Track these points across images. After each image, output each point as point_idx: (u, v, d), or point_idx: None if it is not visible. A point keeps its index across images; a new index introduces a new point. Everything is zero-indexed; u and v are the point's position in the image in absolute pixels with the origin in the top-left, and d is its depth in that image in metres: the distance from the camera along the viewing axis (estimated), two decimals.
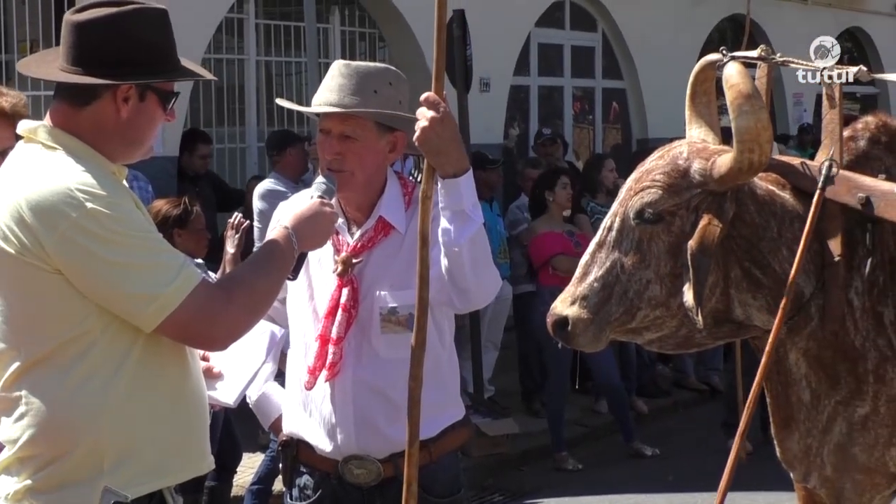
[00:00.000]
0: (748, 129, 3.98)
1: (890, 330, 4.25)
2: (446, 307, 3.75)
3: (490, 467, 9.09)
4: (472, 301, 3.71)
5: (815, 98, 18.19)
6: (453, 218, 3.51)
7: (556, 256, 9.37)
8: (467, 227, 3.51)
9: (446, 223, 3.52)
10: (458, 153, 3.50)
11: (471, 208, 3.51)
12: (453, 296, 3.63)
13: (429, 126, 3.44)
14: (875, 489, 4.48)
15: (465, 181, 3.50)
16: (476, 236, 3.54)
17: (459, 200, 3.50)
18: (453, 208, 3.51)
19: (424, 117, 3.45)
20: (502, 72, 13.77)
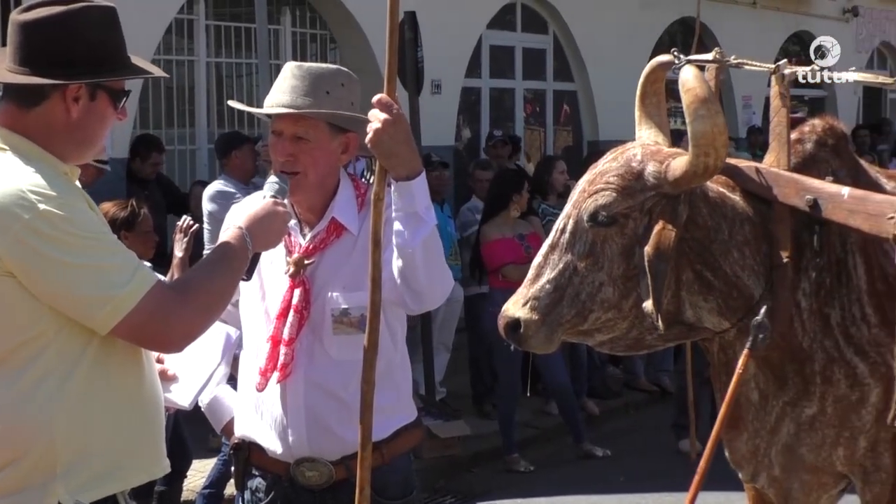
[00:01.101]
0: (704, 133, 4.00)
1: (837, 331, 4.29)
2: (399, 308, 3.76)
3: (441, 469, 9.09)
4: (425, 302, 3.71)
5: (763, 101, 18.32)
6: (406, 220, 3.51)
7: (507, 266, 9.38)
8: (420, 229, 3.51)
9: (399, 225, 3.52)
10: (410, 155, 3.50)
11: (424, 210, 3.51)
12: (406, 297, 3.63)
13: (381, 128, 3.43)
14: (822, 489, 4.52)
15: (417, 183, 3.50)
16: (429, 238, 3.54)
17: (412, 202, 3.50)
18: (406, 210, 3.51)
19: (377, 119, 3.44)
20: (454, 74, 13.77)
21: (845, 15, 21.26)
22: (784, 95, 4.36)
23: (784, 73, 4.34)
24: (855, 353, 4.29)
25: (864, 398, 4.31)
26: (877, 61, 23.06)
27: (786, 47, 20.11)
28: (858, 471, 4.44)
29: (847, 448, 4.39)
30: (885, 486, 4.43)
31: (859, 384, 4.30)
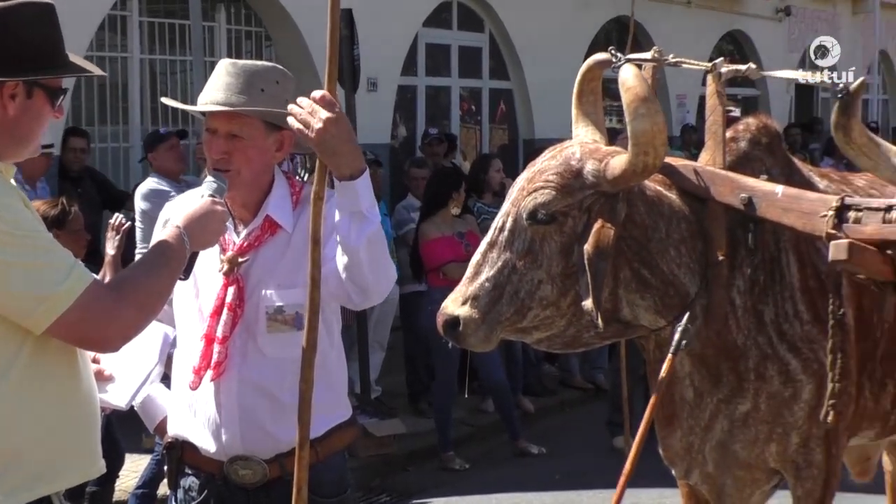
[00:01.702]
0: (644, 131, 4.02)
1: (770, 328, 4.33)
2: (337, 304, 3.75)
3: (376, 468, 9.07)
4: (370, 298, 3.70)
5: (697, 99, 18.45)
6: (351, 219, 3.50)
7: (448, 264, 9.37)
8: (365, 227, 3.50)
9: (344, 224, 3.51)
10: (353, 153, 3.48)
11: (368, 208, 3.50)
12: (352, 293, 3.62)
13: (324, 127, 3.41)
14: (755, 485, 4.56)
15: (361, 182, 3.48)
16: (374, 235, 3.53)
17: (357, 201, 3.48)
18: (350, 209, 3.49)
19: (319, 117, 3.43)
20: (390, 72, 13.75)
21: (778, 14, 21.45)
22: (720, 94, 4.39)
23: (721, 71, 4.38)
24: (788, 350, 4.34)
25: (796, 394, 4.36)
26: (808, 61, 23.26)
27: (720, 46, 20.26)
28: (790, 467, 4.48)
29: (780, 444, 4.43)
30: (817, 481, 4.48)
31: (792, 381, 4.34)
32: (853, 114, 3.60)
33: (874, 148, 3.58)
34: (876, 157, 3.58)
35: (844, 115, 3.61)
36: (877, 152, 3.58)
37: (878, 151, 3.58)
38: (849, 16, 24.14)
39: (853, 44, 24.10)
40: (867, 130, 3.64)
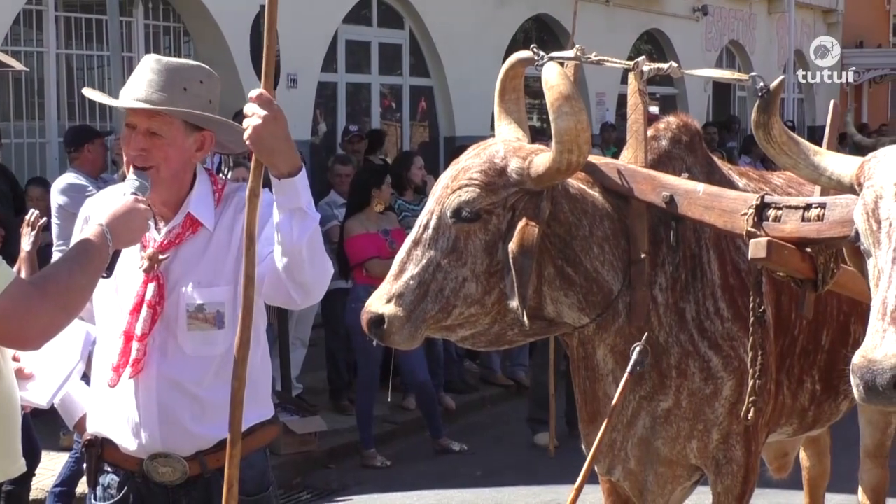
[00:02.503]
0: (568, 129, 4.04)
1: (692, 325, 4.37)
2: (283, 305, 3.74)
3: (298, 465, 9.04)
4: (311, 296, 3.68)
5: (616, 98, 18.58)
6: (291, 216, 3.48)
7: (370, 260, 9.36)
8: (306, 224, 3.49)
9: (285, 222, 3.49)
10: (291, 151, 3.47)
11: (307, 205, 3.49)
12: (293, 292, 3.60)
13: (262, 125, 3.39)
14: (676, 481, 4.60)
15: (300, 179, 3.47)
16: (315, 233, 3.52)
17: (297, 198, 3.47)
18: (290, 207, 3.47)
19: (258, 115, 3.39)
20: (310, 68, 13.70)
21: (695, 13, 21.66)
22: (642, 92, 4.42)
23: (643, 69, 4.40)
24: (709, 347, 4.37)
25: (717, 391, 4.39)
26: (725, 59, 23.54)
27: (638, 45, 20.41)
28: (711, 463, 4.52)
29: (700, 441, 4.46)
30: (737, 477, 4.52)
31: (713, 378, 4.38)
32: (773, 112, 3.64)
33: (794, 146, 3.62)
34: (795, 155, 3.62)
35: (765, 114, 3.64)
36: (796, 150, 3.61)
37: (797, 150, 3.61)
38: (764, 15, 24.44)
39: (768, 43, 24.44)
40: (787, 129, 3.67)
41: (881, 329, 3.09)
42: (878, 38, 29.08)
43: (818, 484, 6.07)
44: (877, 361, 3.03)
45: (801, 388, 4.69)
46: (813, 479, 6.05)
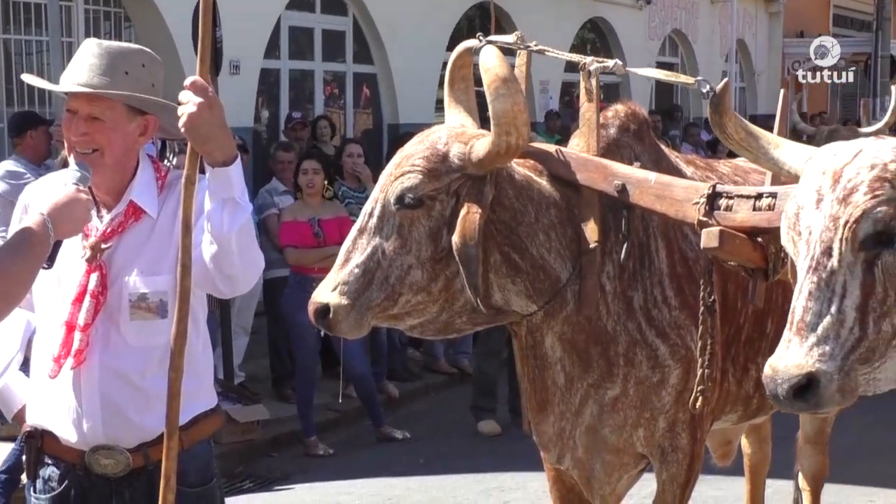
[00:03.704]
0: (505, 111, 4.04)
1: (639, 314, 4.38)
2: (204, 292, 3.70)
3: (240, 454, 9.00)
4: (239, 287, 3.66)
5: (560, 85, 18.61)
6: (223, 206, 3.45)
7: (287, 248, 9.36)
8: (238, 214, 3.46)
9: (216, 211, 3.45)
10: (227, 140, 3.44)
11: (240, 195, 3.46)
12: (219, 282, 3.58)
13: (197, 112, 3.35)
14: (623, 469, 4.61)
15: (234, 168, 3.44)
16: (246, 224, 3.50)
17: (230, 188, 3.44)
18: (223, 196, 3.44)
19: (193, 103, 3.35)
20: (252, 55, 13.63)
21: (639, 2, 21.75)
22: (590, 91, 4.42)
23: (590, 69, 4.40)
24: (656, 336, 4.38)
25: (664, 380, 4.41)
26: (668, 48, 23.66)
27: (581, 34, 20.46)
28: (656, 451, 4.54)
29: (647, 429, 4.48)
30: (682, 465, 4.55)
31: (660, 366, 4.40)
32: (724, 112, 3.65)
33: (753, 142, 3.63)
34: (756, 150, 3.63)
35: (717, 115, 3.67)
36: (756, 146, 3.62)
37: (757, 145, 3.62)
38: (707, 5, 24.59)
39: (711, 33, 24.59)
40: (745, 124, 3.68)
41: (787, 339, 3.16)
42: (818, 28, 29.32)
43: (759, 471, 6.12)
44: (778, 371, 3.11)
45: (746, 376, 4.71)
46: (754, 465, 6.10)
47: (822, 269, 3.14)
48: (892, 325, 3.15)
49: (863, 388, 3.22)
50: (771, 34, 27.29)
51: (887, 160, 3.17)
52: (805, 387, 3.09)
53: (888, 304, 3.14)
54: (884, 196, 3.12)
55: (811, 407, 3.15)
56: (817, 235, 3.16)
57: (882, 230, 3.11)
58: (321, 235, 9.39)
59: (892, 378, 3.29)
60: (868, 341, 3.13)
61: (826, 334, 3.11)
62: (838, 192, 3.16)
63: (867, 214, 3.11)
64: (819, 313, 3.13)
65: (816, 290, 3.14)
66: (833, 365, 3.09)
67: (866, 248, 3.12)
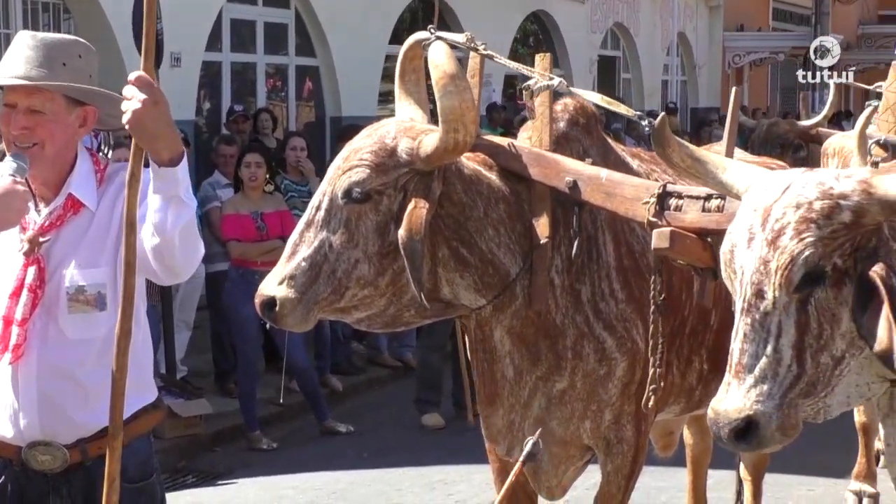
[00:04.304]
0: (453, 108, 4.04)
1: (587, 307, 4.40)
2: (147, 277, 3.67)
3: (182, 449, 8.95)
4: (179, 277, 3.67)
5: (503, 79, 18.63)
6: (168, 204, 3.42)
7: (230, 242, 9.32)
8: (183, 212, 3.44)
9: (161, 208, 3.43)
10: (173, 137, 3.41)
11: (185, 192, 3.44)
12: (160, 273, 3.57)
13: (143, 109, 3.31)
14: (569, 461, 4.63)
15: (181, 167, 3.41)
16: (190, 221, 3.48)
17: (176, 186, 3.41)
18: (168, 194, 3.42)
19: (138, 99, 3.32)
20: (194, 47, 13.53)
21: None
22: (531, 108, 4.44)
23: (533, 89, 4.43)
24: (604, 329, 4.40)
25: (611, 372, 4.43)
26: (610, 41, 23.75)
27: (524, 26, 20.50)
28: (602, 443, 4.56)
29: (593, 421, 4.50)
30: (626, 457, 4.57)
31: (607, 358, 4.41)
32: (667, 144, 3.66)
33: (700, 167, 3.64)
34: (703, 175, 3.64)
35: (660, 147, 3.68)
36: (703, 170, 3.63)
37: (704, 170, 3.63)
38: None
39: (652, 26, 24.71)
40: (689, 150, 3.68)
41: (727, 381, 3.22)
42: (758, 22, 29.57)
43: (701, 461, 6.15)
44: (719, 414, 3.18)
45: (689, 368, 4.74)
46: (696, 456, 6.13)
47: (756, 310, 3.19)
48: (832, 356, 3.21)
49: (814, 417, 3.29)
50: (711, 28, 27.47)
51: (812, 197, 3.19)
52: (745, 429, 3.15)
53: (824, 338, 3.20)
54: (810, 238, 3.15)
55: (753, 447, 3.24)
56: (749, 277, 3.21)
57: (812, 271, 3.15)
58: (264, 229, 9.36)
59: (844, 401, 3.35)
60: (807, 376, 3.19)
61: (763, 374, 3.17)
62: (767, 232, 3.20)
63: (796, 260, 3.14)
64: (755, 354, 3.18)
65: (751, 331, 3.19)
66: (772, 405, 3.16)
67: (799, 290, 3.16)
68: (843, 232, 3.16)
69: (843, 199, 3.17)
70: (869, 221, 3.18)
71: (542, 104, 4.44)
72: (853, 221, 3.16)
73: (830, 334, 3.19)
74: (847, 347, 3.21)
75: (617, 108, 4.60)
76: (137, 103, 3.31)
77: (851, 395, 3.36)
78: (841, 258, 3.17)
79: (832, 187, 3.20)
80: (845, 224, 3.16)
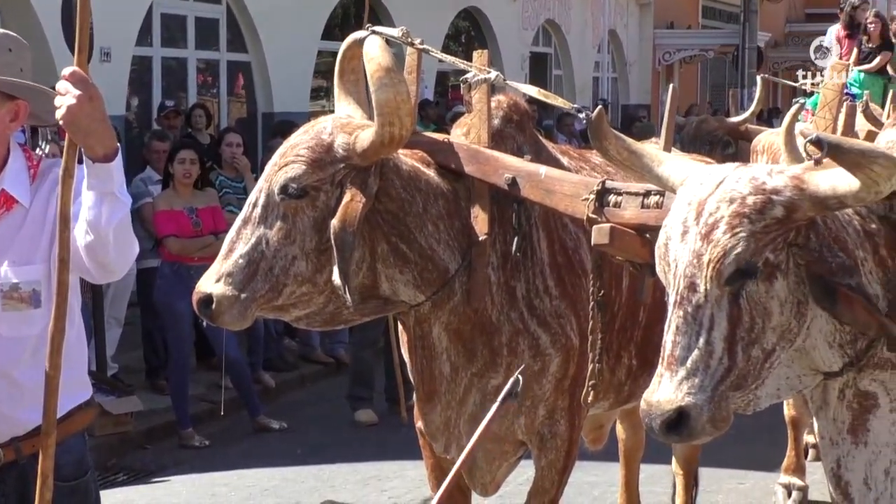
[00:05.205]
0: (388, 101, 4.04)
1: (522, 303, 4.42)
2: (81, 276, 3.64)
3: (113, 447, 8.88)
4: (113, 275, 3.63)
5: (435, 75, 18.63)
6: (102, 200, 3.39)
7: (167, 238, 9.26)
8: (117, 209, 3.41)
9: (95, 205, 3.39)
10: (108, 133, 3.37)
11: (119, 189, 3.41)
12: (92, 270, 3.53)
13: (78, 105, 3.27)
14: (503, 457, 4.66)
15: (116, 163, 3.38)
16: (125, 217, 3.45)
17: (110, 183, 3.38)
18: (102, 190, 3.38)
19: (72, 95, 3.28)
20: (124, 42, 13.42)
21: None
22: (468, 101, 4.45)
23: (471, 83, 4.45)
24: (538, 325, 4.43)
25: (545, 368, 4.46)
26: (542, 38, 23.81)
27: (456, 23, 20.50)
28: (536, 438, 4.59)
29: (528, 417, 4.53)
30: (560, 451, 4.61)
31: (542, 354, 4.44)
32: (604, 136, 3.68)
33: (636, 160, 3.66)
34: (640, 168, 3.67)
35: (597, 140, 3.71)
36: (640, 164, 3.66)
37: (641, 163, 3.66)
38: None
39: (583, 24, 24.81)
40: (626, 143, 3.70)
41: (659, 373, 3.24)
42: (687, 20, 29.78)
43: (633, 455, 6.21)
44: (652, 406, 3.20)
45: (618, 364, 4.78)
46: (629, 450, 6.18)
47: (688, 303, 3.22)
48: (763, 349, 3.25)
49: (744, 408, 3.32)
50: (642, 25, 27.62)
51: (745, 192, 3.23)
52: (676, 421, 3.18)
53: (756, 331, 3.23)
54: (743, 233, 3.19)
55: (684, 439, 3.26)
56: (682, 270, 3.24)
57: (744, 265, 3.19)
58: (199, 225, 9.32)
59: (774, 393, 3.40)
60: (738, 369, 3.23)
61: (695, 367, 3.20)
62: (701, 226, 3.23)
63: (728, 254, 3.18)
64: (687, 347, 3.20)
65: (684, 324, 3.22)
66: (703, 397, 3.19)
67: (730, 283, 3.20)
68: (775, 227, 3.21)
69: (775, 195, 3.22)
70: (801, 216, 3.23)
71: (480, 100, 4.46)
72: (785, 216, 3.21)
73: (762, 327, 3.23)
74: (778, 340, 3.26)
75: (555, 101, 4.63)
76: (72, 99, 3.27)
77: (782, 388, 3.41)
78: (773, 253, 3.21)
79: (765, 182, 3.24)
80: (777, 219, 3.21)
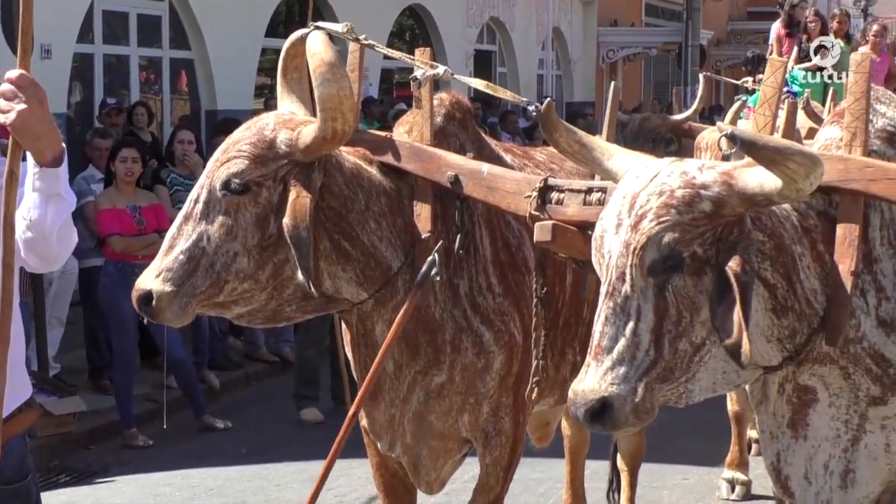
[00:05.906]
0: (331, 96, 4.04)
1: (465, 301, 4.42)
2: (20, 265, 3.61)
3: (56, 447, 8.80)
4: (52, 266, 3.63)
5: (380, 72, 18.62)
6: (47, 202, 3.36)
7: (111, 237, 9.19)
8: (62, 209, 3.39)
9: (40, 206, 3.37)
10: (55, 136, 3.33)
11: (65, 190, 3.39)
12: (29, 261, 3.51)
13: (28, 109, 3.21)
14: (448, 454, 4.66)
15: (63, 165, 3.35)
16: (68, 216, 3.43)
17: (57, 185, 3.36)
18: (49, 192, 3.36)
19: (21, 99, 3.22)
20: (65, 39, 13.32)
21: None
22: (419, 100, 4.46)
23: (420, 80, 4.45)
24: (481, 322, 4.43)
25: (488, 365, 4.46)
26: (486, 35, 23.83)
27: (400, 21, 20.49)
28: (480, 435, 4.59)
29: (472, 414, 4.53)
30: (505, 449, 4.61)
31: (485, 352, 4.44)
32: (554, 128, 3.69)
33: (587, 153, 3.68)
34: (590, 161, 3.69)
35: (547, 132, 3.72)
36: (590, 157, 3.68)
37: (591, 156, 3.68)
38: None
39: (527, 21, 24.87)
40: (577, 136, 3.72)
41: (587, 363, 3.27)
42: (631, 17, 29.93)
43: (579, 451, 6.22)
44: (577, 394, 3.23)
45: (563, 360, 4.79)
46: (574, 446, 6.20)
47: (618, 294, 3.24)
48: (691, 343, 3.27)
49: (675, 401, 3.35)
50: (586, 23, 27.73)
51: (675, 186, 3.27)
52: (600, 410, 3.20)
53: (683, 325, 3.25)
54: (669, 222, 3.22)
55: (608, 428, 3.29)
56: (614, 261, 3.26)
57: (668, 255, 3.21)
58: (142, 223, 9.26)
59: (709, 387, 3.42)
60: (665, 362, 3.25)
61: (621, 357, 3.22)
62: (632, 218, 3.26)
63: (652, 240, 3.21)
64: (614, 337, 3.23)
65: (612, 314, 3.24)
66: (627, 388, 3.21)
67: (655, 274, 3.22)
68: (703, 221, 3.23)
69: (703, 189, 3.25)
70: (729, 213, 3.26)
71: (424, 98, 4.46)
72: (713, 211, 3.24)
73: (690, 321, 3.25)
74: (707, 335, 3.28)
75: (504, 94, 4.63)
76: (23, 104, 3.21)
77: (718, 382, 3.43)
78: (701, 247, 3.24)
79: (695, 177, 3.28)
80: (706, 213, 3.24)
